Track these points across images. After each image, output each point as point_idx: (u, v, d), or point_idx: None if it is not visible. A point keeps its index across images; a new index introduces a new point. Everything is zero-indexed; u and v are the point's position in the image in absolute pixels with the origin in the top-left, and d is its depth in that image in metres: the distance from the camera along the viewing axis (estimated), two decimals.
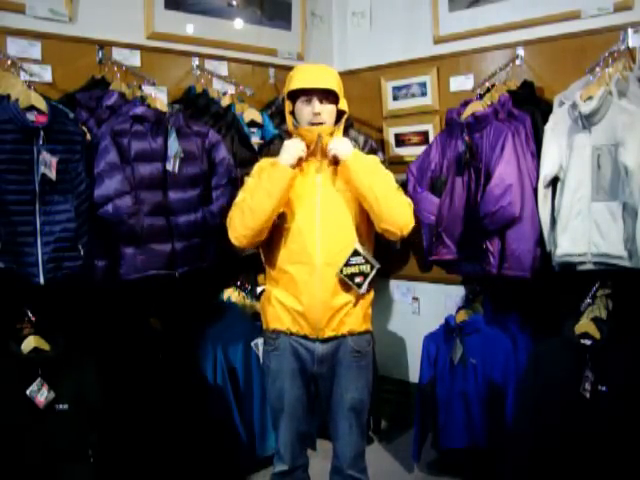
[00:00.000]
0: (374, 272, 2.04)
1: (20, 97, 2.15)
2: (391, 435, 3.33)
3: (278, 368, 2.06)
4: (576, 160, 2.42)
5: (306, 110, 2.01)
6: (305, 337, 2.03)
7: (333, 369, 2.06)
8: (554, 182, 2.51)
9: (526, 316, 2.79)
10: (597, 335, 2.31)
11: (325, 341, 2.03)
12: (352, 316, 2.04)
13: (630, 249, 2.30)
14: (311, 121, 2.01)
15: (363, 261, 2.01)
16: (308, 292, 1.99)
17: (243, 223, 1.99)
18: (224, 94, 2.96)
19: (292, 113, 2.08)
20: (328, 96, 2.02)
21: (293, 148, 1.99)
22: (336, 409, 2.09)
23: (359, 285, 2.02)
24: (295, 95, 2.04)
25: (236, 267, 2.87)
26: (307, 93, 2.00)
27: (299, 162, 2.00)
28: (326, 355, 2.04)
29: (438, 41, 3.23)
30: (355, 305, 2.04)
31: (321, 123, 2.01)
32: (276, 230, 2.05)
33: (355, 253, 2.01)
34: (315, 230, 2.00)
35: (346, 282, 2.01)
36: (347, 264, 2.00)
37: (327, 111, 2.02)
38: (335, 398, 2.08)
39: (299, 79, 2.01)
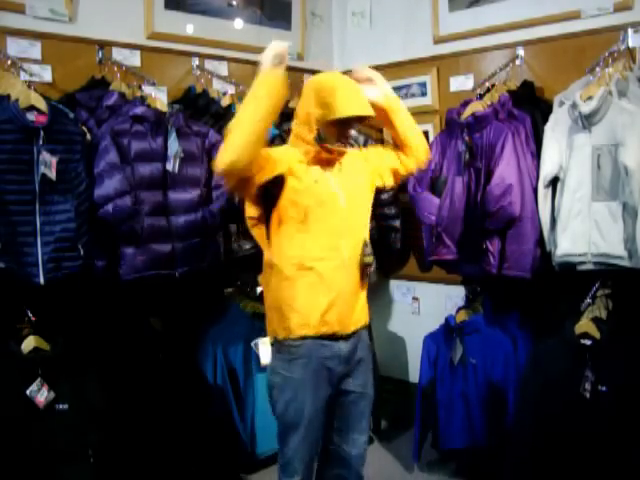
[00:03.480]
0: (375, 262, 2.06)
1: (20, 97, 2.15)
2: (391, 435, 3.33)
3: (302, 377, 1.96)
4: (576, 160, 2.42)
5: (339, 131, 1.96)
6: (331, 338, 1.97)
7: (354, 367, 2.04)
8: (554, 182, 2.51)
9: (526, 316, 2.79)
10: (597, 335, 2.31)
11: (347, 339, 2.01)
12: (365, 308, 2.06)
13: (630, 249, 2.30)
14: (341, 141, 1.97)
15: (370, 251, 2.02)
16: (336, 287, 1.95)
17: (230, 144, 1.76)
18: (224, 94, 2.96)
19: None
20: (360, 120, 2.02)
21: (270, 51, 1.80)
22: (353, 408, 2.07)
23: (369, 275, 2.03)
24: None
25: (236, 267, 2.87)
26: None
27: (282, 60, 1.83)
28: (349, 353, 2.02)
29: (438, 41, 3.23)
30: (363, 297, 2.06)
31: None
32: (296, 227, 1.94)
33: (365, 244, 2.01)
34: (341, 224, 1.97)
35: (364, 273, 2.01)
36: (364, 255, 2.01)
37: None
38: (353, 397, 2.06)
39: (348, 106, 1.89)
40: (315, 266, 1.93)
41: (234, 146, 1.75)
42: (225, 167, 1.75)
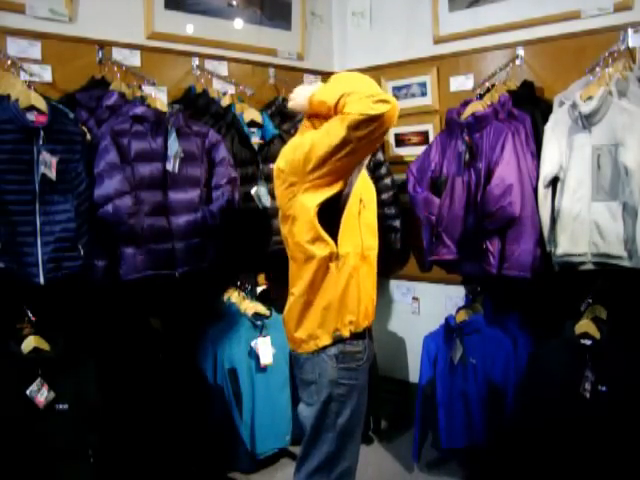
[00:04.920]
0: None
1: (20, 97, 2.15)
2: (391, 435, 3.33)
3: (364, 381, 1.91)
4: (576, 160, 2.42)
5: None
6: (370, 334, 1.96)
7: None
8: (554, 182, 2.51)
9: (526, 316, 2.79)
10: (597, 335, 2.31)
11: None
12: None
13: (630, 249, 2.30)
14: None
15: None
16: (375, 275, 1.96)
17: (385, 93, 1.73)
18: (224, 94, 2.96)
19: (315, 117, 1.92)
20: None
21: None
22: None
23: None
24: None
25: (236, 267, 2.87)
26: None
27: None
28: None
29: (438, 41, 3.23)
30: None
31: None
32: (355, 216, 1.87)
33: None
34: (373, 207, 1.98)
35: None
36: None
37: None
38: None
39: None
40: (369, 254, 1.90)
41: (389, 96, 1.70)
42: (388, 113, 1.66)
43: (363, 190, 1.92)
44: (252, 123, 2.88)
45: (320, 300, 1.83)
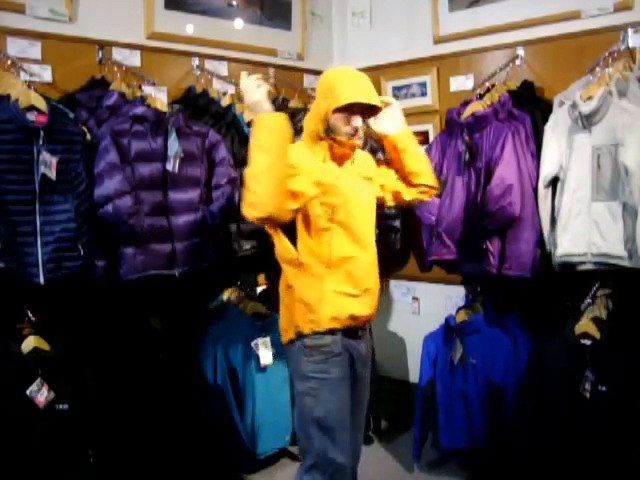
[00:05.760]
0: None
1: (20, 97, 2.15)
2: (391, 435, 3.33)
3: (341, 375, 1.93)
4: (576, 160, 2.42)
5: (345, 122, 1.91)
6: (352, 335, 1.97)
7: (361, 369, 2.05)
8: (554, 182, 2.52)
9: (526, 316, 2.79)
10: (597, 335, 2.31)
11: (362, 338, 2.03)
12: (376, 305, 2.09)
13: (630, 249, 2.30)
14: (350, 134, 1.93)
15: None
16: (364, 283, 1.96)
17: (259, 200, 1.76)
18: (224, 94, 2.96)
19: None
20: (370, 110, 1.98)
21: (255, 87, 1.84)
22: (357, 411, 2.06)
23: None
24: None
25: (236, 267, 2.87)
26: (350, 106, 1.90)
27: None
28: (365, 354, 2.04)
29: (438, 41, 3.23)
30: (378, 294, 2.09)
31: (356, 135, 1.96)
32: (324, 226, 1.91)
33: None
34: (364, 219, 2.00)
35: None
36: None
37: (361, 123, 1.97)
38: (359, 399, 2.07)
39: (350, 93, 1.87)
40: (344, 262, 1.92)
41: (264, 202, 1.75)
42: (262, 220, 1.81)
43: (356, 203, 1.95)
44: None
45: (289, 297, 1.97)
